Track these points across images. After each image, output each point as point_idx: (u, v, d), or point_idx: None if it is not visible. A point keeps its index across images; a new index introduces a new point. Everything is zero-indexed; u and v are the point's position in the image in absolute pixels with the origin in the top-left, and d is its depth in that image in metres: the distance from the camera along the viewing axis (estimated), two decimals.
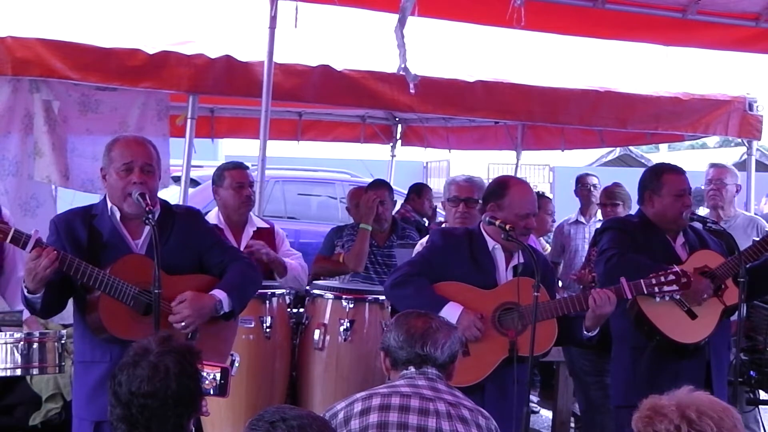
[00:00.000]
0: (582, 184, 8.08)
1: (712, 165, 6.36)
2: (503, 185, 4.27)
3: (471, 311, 4.01)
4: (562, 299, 4.17)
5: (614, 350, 4.68)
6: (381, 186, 6.35)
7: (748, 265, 4.45)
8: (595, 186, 8.03)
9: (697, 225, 4.65)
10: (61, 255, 3.53)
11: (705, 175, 6.22)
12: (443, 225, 6.83)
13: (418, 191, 8.71)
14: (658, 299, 4.19)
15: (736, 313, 4.46)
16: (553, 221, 7.51)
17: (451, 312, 3.97)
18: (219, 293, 3.81)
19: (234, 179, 5.34)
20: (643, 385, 4.42)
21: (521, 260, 4.18)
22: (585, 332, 4.11)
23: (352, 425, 3.05)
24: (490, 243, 4.18)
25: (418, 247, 4.84)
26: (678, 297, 4.35)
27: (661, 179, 4.56)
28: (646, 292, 4.13)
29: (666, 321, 4.41)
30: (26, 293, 3.60)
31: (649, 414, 2.36)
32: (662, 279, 4.13)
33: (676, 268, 4.18)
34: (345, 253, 6.06)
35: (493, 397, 4.03)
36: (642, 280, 4.13)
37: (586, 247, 6.87)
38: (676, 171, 4.61)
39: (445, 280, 4.09)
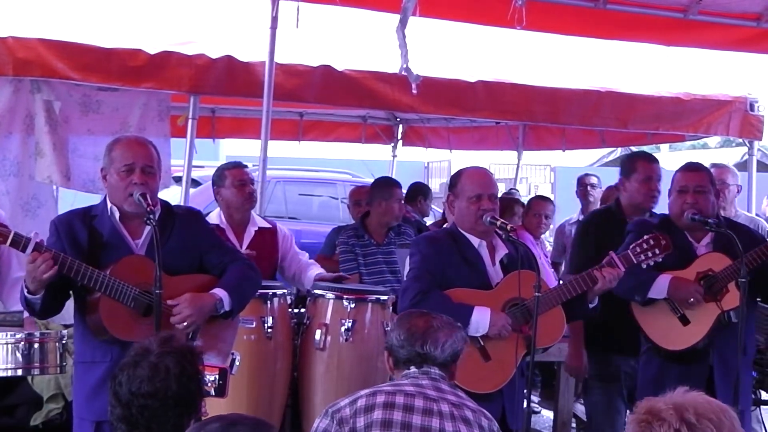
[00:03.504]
0: (582, 185, 8.09)
1: (714, 165, 6.31)
2: (456, 175, 4.33)
3: (496, 311, 4.03)
4: (563, 284, 4.21)
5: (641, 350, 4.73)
6: (395, 185, 6.41)
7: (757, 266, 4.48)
8: (594, 186, 8.03)
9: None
10: (61, 258, 3.52)
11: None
12: (444, 225, 6.85)
13: (425, 194, 8.69)
14: (645, 265, 4.28)
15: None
16: (543, 224, 7.48)
17: (481, 316, 3.98)
18: (219, 292, 3.81)
19: (235, 177, 5.39)
20: (651, 387, 4.44)
21: (505, 251, 4.21)
22: (589, 304, 4.22)
23: (355, 422, 3.05)
24: (475, 241, 4.18)
25: None
26: (669, 298, 4.43)
27: (673, 177, 4.64)
28: (635, 261, 4.22)
29: (655, 327, 4.47)
30: (26, 294, 3.61)
31: (647, 418, 2.35)
32: (644, 246, 4.24)
33: (653, 233, 4.28)
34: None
35: (511, 397, 4.05)
36: (629, 251, 4.23)
37: None
38: (684, 168, 4.65)
39: (443, 285, 4.08)
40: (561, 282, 4.45)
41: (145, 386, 2.60)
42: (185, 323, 3.69)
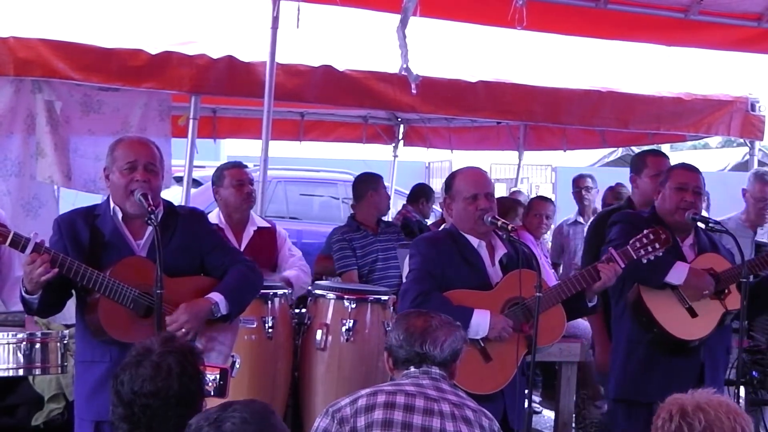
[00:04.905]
0: (576, 186, 8.11)
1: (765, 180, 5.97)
2: (450, 177, 4.33)
3: (496, 313, 4.02)
4: (563, 282, 4.21)
5: (612, 343, 4.71)
6: (377, 176, 6.55)
7: (756, 279, 4.49)
8: (588, 188, 8.03)
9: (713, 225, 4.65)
10: (60, 259, 3.52)
11: (756, 189, 5.89)
12: (443, 225, 6.88)
13: (428, 197, 8.69)
14: (645, 260, 4.23)
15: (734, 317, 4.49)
16: (543, 224, 7.47)
17: (481, 319, 3.97)
18: (216, 296, 3.80)
19: (234, 177, 5.40)
20: (636, 379, 4.44)
21: (504, 251, 4.20)
22: (588, 302, 4.21)
23: (356, 421, 3.05)
24: (474, 241, 4.17)
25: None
26: (678, 289, 4.41)
27: (669, 173, 4.64)
28: (635, 256, 4.18)
29: (665, 314, 4.42)
30: (23, 293, 3.61)
31: (661, 407, 2.42)
32: (644, 240, 4.21)
33: (652, 228, 4.25)
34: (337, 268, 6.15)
35: (512, 396, 4.05)
36: (628, 246, 4.20)
37: None
38: (684, 167, 4.66)
39: (443, 286, 4.07)
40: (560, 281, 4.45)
41: (148, 385, 2.60)
42: (183, 330, 3.68)
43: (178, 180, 7.40)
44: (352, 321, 4.93)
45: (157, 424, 2.59)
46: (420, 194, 8.64)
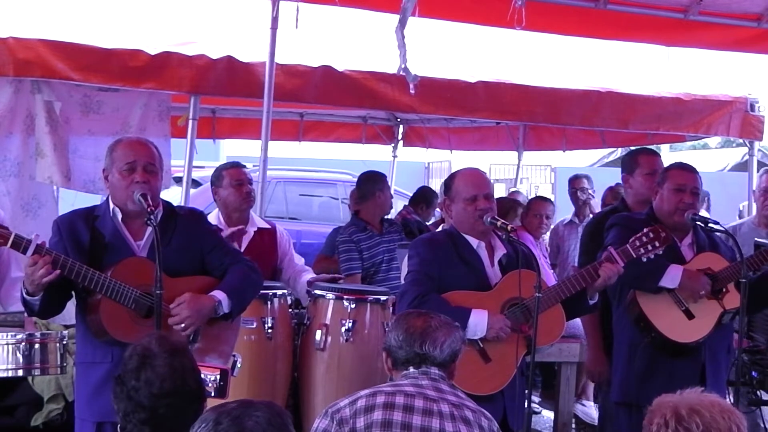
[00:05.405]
0: (572, 186, 8.11)
1: None
2: (449, 178, 4.33)
3: (493, 313, 4.02)
4: (562, 282, 4.21)
5: (614, 346, 4.70)
6: (383, 176, 6.56)
7: (754, 276, 4.49)
8: (584, 190, 8.03)
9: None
10: (61, 260, 3.52)
11: (761, 181, 5.73)
12: (442, 225, 6.89)
13: (428, 202, 8.67)
14: (645, 258, 4.23)
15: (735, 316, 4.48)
16: (543, 225, 7.47)
17: (479, 319, 3.97)
18: (219, 294, 3.81)
19: (233, 177, 5.39)
20: (638, 382, 4.44)
21: (504, 251, 4.20)
22: (589, 301, 4.21)
23: (355, 422, 3.05)
24: (473, 242, 4.18)
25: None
26: (674, 291, 4.40)
27: (667, 173, 4.62)
28: (634, 255, 4.18)
29: (662, 318, 4.42)
30: (24, 295, 3.61)
31: (651, 410, 2.40)
32: (643, 239, 4.21)
33: (652, 226, 4.25)
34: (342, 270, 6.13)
35: (512, 397, 4.05)
36: (627, 245, 4.20)
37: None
38: (681, 167, 4.65)
39: (442, 287, 4.07)
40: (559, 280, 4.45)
41: (167, 385, 2.62)
42: (183, 325, 3.69)
43: (178, 180, 7.41)
44: (351, 321, 4.93)
45: (180, 422, 2.59)
46: (421, 199, 8.62)
